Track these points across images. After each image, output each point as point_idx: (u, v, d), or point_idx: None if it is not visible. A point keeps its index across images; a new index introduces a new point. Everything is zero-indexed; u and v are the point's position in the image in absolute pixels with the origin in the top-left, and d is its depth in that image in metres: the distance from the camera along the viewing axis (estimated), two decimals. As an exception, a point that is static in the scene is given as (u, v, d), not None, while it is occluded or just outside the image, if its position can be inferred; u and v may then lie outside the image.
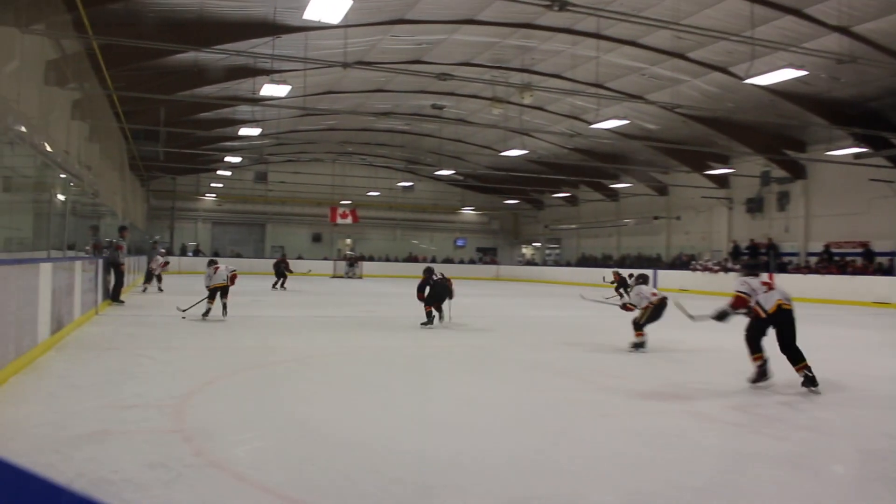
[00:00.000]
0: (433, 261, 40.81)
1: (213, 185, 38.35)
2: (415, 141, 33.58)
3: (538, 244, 44.35)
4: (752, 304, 6.20)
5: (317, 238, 41.41)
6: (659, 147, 25.67)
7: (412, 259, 40.99)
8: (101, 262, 12.46)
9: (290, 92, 19.86)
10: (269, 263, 35.88)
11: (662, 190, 31.80)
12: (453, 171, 33.55)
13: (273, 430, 4.70)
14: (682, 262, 28.94)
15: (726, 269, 24.63)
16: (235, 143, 32.13)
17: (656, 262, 31.06)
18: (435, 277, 11.64)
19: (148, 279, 19.46)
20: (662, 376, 7.12)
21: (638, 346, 8.69)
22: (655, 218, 32.38)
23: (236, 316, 12.64)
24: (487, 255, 44.28)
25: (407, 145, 34.21)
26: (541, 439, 4.65)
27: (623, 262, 32.82)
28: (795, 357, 6.04)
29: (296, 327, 11.17)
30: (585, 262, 36.19)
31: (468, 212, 44.69)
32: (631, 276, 15.19)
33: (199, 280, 12.71)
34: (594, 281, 26.35)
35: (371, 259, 39.53)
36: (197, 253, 36.41)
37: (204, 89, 20.13)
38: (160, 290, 18.75)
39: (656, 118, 23.95)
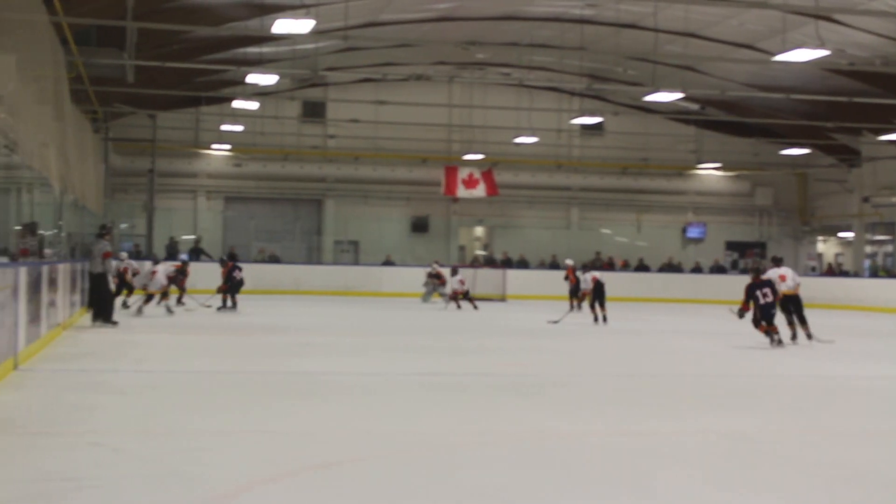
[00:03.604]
0: (641, 268, 40.09)
1: (224, 128, 39.12)
2: (605, 38, 33.06)
3: (849, 234, 43.08)
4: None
5: (420, 226, 42.04)
6: None
7: (602, 265, 40.38)
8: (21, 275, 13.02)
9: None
10: (329, 273, 37.09)
11: None
12: (681, 96, 32.72)
13: None
14: None
15: None
16: (266, 50, 32.77)
17: None
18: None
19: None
20: None
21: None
22: None
23: (275, 372, 12.98)
24: (748, 258, 43.10)
25: (591, 47, 33.75)
26: None
27: None
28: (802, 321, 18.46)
29: (386, 393, 11.37)
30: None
31: (709, 173, 43.94)
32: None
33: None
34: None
35: (521, 264, 39.40)
36: (197, 254, 37.15)
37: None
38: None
39: None
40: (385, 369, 13.76)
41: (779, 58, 23.99)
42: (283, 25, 22.12)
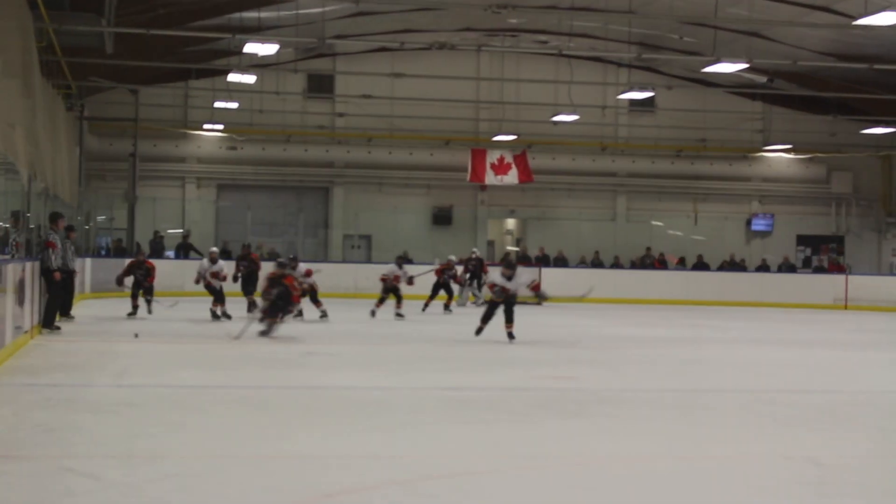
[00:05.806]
0: (699, 267, 39.98)
1: (217, 106, 38.54)
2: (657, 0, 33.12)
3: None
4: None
5: (443, 217, 42.14)
6: None
7: (654, 263, 40.31)
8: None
9: None
10: (337, 272, 36.84)
11: None
12: (746, 67, 32.59)
13: None
14: None
15: None
16: (266, 15, 32.79)
17: None
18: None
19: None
20: None
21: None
22: None
23: (274, 387, 13.16)
24: (824, 254, 43.11)
25: (641, 10, 33.67)
26: None
27: None
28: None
29: (403, 411, 11.43)
30: None
31: (778, 156, 43.84)
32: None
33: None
34: None
35: (560, 261, 39.32)
36: (185, 250, 37.08)
37: None
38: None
39: None
40: (401, 383, 13.81)
41: (860, 22, 23.90)
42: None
